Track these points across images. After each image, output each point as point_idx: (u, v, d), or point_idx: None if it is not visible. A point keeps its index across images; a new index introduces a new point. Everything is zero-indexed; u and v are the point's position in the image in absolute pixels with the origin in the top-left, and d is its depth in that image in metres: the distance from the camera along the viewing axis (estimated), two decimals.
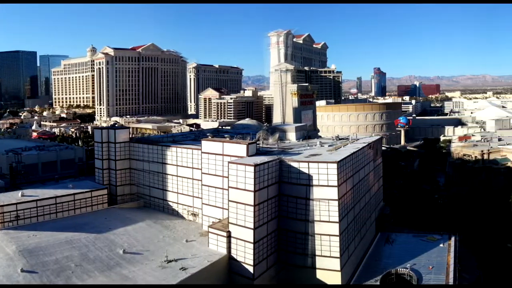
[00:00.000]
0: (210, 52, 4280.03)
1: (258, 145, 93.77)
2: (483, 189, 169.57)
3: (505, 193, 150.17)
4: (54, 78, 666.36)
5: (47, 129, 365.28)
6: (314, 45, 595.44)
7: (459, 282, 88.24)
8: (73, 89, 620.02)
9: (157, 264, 72.55)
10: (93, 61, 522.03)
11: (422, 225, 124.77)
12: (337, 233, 78.13)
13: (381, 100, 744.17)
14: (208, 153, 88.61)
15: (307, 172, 79.51)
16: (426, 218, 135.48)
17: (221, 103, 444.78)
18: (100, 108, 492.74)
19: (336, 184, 77.82)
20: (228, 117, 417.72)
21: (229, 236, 77.08)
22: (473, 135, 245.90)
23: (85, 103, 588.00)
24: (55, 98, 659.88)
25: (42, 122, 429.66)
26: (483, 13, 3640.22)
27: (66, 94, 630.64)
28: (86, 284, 66.80)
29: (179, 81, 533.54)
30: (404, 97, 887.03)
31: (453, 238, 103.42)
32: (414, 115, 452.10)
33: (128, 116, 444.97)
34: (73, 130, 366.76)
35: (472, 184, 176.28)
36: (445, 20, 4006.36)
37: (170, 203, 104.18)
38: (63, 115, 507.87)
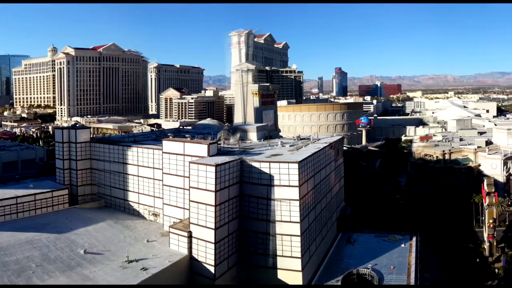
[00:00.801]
0: (171, 52, 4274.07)
1: (219, 145, 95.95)
2: (444, 189, 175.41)
3: (467, 193, 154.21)
4: (15, 78, 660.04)
5: (7, 129, 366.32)
6: (275, 45, 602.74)
7: (421, 282, 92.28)
8: (34, 89, 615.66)
9: (118, 264, 74.12)
10: (54, 61, 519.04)
11: (383, 225, 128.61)
12: (298, 233, 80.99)
13: (342, 100, 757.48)
14: (169, 153, 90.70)
15: (268, 172, 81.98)
16: (388, 218, 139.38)
17: (182, 103, 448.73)
18: (61, 108, 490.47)
19: (297, 184, 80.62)
20: (189, 117, 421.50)
21: (190, 236, 79.20)
22: (434, 135, 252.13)
23: (46, 103, 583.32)
24: (16, 98, 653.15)
25: (2, 122, 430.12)
26: (445, 13, 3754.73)
27: (27, 94, 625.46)
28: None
29: (140, 81, 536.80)
30: (365, 97, 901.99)
31: (414, 238, 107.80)
32: (375, 115, 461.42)
33: (89, 116, 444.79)
34: (34, 130, 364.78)
35: (433, 184, 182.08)
36: (407, 20, 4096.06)
37: (131, 203, 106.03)
38: (24, 115, 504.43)
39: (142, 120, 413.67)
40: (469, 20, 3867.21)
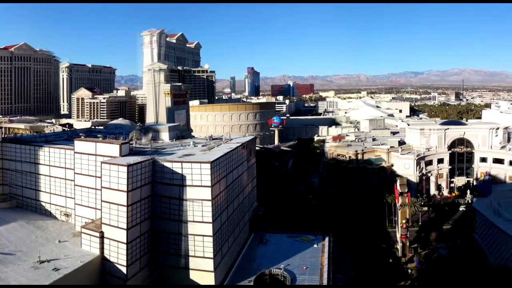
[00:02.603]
0: (84, 51, 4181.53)
1: (131, 145, 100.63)
2: (357, 189, 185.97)
3: (380, 193, 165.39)
4: None
5: None
6: (187, 45, 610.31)
7: (333, 283, 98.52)
8: None
9: (29, 264, 77.04)
10: None
11: (296, 226, 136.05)
12: (211, 234, 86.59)
13: (254, 100, 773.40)
14: (81, 153, 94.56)
15: (181, 172, 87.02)
16: (300, 218, 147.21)
17: (94, 103, 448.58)
18: None
19: (209, 184, 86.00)
20: (101, 117, 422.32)
21: (102, 237, 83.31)
22: (347, 135, 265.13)
23: None
24: None
25: None
26: (359, 13, 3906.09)
27: None
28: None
29: (51, 80, 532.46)
30: (278, 97, 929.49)
31: (327, 239, 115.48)
32: (288, 115, 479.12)
33: (0, 116, 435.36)
34: None
35: (346, 184, 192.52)
36: (320, 19, 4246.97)
37: (43, 204, 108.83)
38: None
39: (54, 120, 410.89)
40: (382, 20, 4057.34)
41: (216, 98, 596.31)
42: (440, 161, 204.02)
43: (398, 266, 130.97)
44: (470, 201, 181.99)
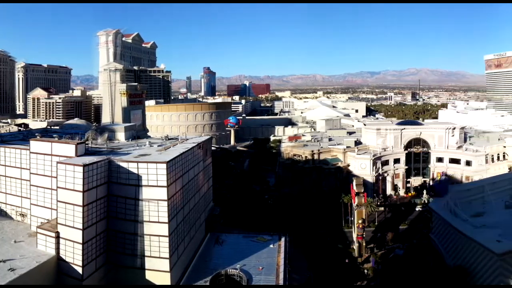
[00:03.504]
0: (40, 51, 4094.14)
1: (87, 145, 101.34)
2: (313, 189, 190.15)
3: (336, 193, 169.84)
4: None
5: None
6: (143, 45, 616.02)
7: (289, 283, 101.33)
8: None
9: None
10: None
11: (252, 226, 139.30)
12: (167, 234, 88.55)
13: (211, 99, 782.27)
14: (36, 153, 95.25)
15: (136, 172, 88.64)
16: (257, 218, 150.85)
17: (50, 103, 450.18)
18: None
19: (165, 184, 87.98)
20: (57, 117, 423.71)
21: (58, 237, 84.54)
22: (303, 135, 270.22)
23: None
24: None
25: None
26: (314, 13, 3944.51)
27: None
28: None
29: (7, 80, 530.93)
30: (234, 97, 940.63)
31: (283, 239, 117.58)
32: (244, 115, 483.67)
33: None
34: None
35: (302, 184, 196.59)
36: (276, 20, 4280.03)
37: None
38: None
39: (9, 120, 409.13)
40: (338, 21, 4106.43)
41: (172, 98, 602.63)
42: (397, 161, 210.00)
43: (354, 266, 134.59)
44: (426, 201, 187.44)
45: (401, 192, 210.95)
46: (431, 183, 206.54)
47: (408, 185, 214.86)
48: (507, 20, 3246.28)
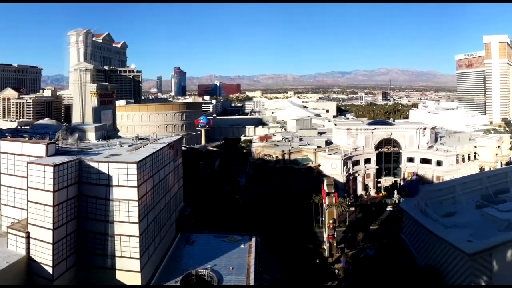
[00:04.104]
0: (10, 51, 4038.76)
1: (57, 145, 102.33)
2: (284, 189, 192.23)
3: (307, 193, 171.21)
4: None
5: None
6: (113, 44, 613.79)
7: (260, 283, 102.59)
8: None
9: None
10: None
11: (223, 226, 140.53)
12: (137, 234, 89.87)
13: (181, 99, 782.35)
14: (6, 153, 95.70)
15: (107, 172, 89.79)
16: (227, 218, 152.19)
17: (20, 103, 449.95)
18: None
19: (136, 184, 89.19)
20: (28, 117, 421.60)
21: (28, 237, 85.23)
22: (274, 135, 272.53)
23: None
24: None
25: None
26: (285, 13, 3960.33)
27: None
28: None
29: None
30: (204, 97, 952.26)
31: (254, 239, 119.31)
32: (214, 115, 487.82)
33: None
34: None
35: (273, 184, 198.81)
36: (247, 20, 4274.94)
37: None
38: None
39: None
40: (309, 21, 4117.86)
41: (143, 98, 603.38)
42: (367, 161, 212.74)
43: (325, 267, 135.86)
44: (397, 201, 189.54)
45: (372, 192, 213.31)
46: (402, 183, 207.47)
47: (379, 185, 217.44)
48: (477, 20, 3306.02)
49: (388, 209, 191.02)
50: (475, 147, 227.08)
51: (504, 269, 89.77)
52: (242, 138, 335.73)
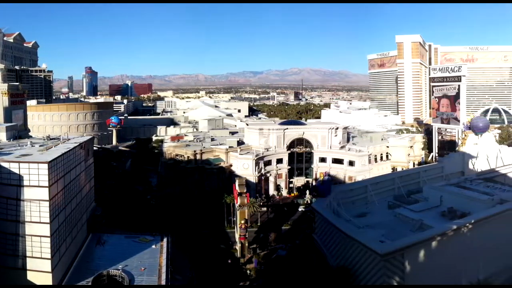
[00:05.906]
0: None
1: None
2: (196, 189, 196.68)
3: (218, 194, 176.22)
4: None
5: None
6: (25, 44, 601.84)
7: (172, 283, 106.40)
8: None
9: None
10: None
11: (134, 226, 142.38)
12: (48, 234, 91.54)
13: (93, 99, 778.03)
14: None
15: (18, 172, 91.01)
16: (139, 219, 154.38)
17: None
18: None
19: (47, 184, 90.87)
20: None
21: None
22: (186, 135, 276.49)
23: None
24: None
25: None
26: (197, 13, 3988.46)
27: None
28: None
29: None
30: (116, 97, 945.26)
31: (165, 239, 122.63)
32: (126, 115, 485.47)
33: None
34: None
35: (185, 184, 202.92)
36: (159, 19, 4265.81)
37: None
38: None
39: None
40: (221, 20, 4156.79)
41: (54, 97, 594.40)
42: (279, 161, 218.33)
43: (237, 267, 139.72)
44: (309, 202, 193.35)
45: (284, 192, 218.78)
46: (314, 183, 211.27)
47: (291, 185, 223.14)
48: (390, 19, 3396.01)
49: (300, 209, 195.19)
50: (388, 147, 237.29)
51: (416, 270, 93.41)
52: (154, 138, 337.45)
